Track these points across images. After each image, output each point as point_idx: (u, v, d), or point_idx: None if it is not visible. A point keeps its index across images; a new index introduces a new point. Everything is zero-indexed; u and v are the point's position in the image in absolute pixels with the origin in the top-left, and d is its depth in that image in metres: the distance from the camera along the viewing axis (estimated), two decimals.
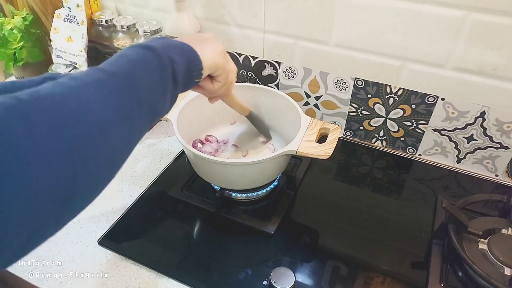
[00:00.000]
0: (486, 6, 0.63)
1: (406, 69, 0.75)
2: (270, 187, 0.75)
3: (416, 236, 0.69)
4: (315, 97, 0.88)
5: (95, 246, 0.67)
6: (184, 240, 0.69)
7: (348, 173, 0.83)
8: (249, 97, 0.80)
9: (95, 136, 0.31)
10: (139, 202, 0.75)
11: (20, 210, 0.26)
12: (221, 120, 0.83)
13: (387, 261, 0.65)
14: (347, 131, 0.91)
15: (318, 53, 0.81)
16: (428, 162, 0.85)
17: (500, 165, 0.79)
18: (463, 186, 0.80)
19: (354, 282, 0.61)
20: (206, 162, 0.64)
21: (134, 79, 0.37)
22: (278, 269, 0.58)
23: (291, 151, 0.63)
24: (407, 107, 0.80)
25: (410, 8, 0.68)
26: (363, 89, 0.82)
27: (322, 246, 0.68)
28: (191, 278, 0.62)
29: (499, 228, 0.63)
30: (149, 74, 0.39)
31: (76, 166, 0.29)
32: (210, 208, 0.72)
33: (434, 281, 0.60)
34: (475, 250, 0.61)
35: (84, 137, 0.30)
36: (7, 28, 0.94)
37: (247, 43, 0.88)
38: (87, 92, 0.32)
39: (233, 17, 0.86)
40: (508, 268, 0.58)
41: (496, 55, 0.67)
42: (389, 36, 0.73)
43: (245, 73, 0.94)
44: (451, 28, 0.67)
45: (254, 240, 0.69)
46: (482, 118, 0.74)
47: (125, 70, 0.36)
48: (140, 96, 0.37)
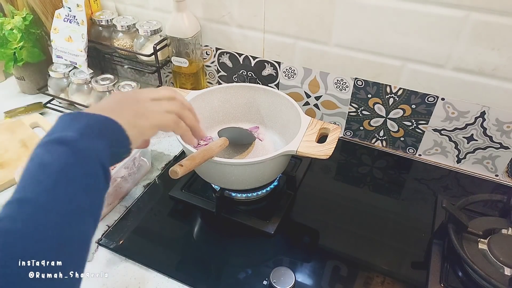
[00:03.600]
0: (486, 6, 0.63)
1: (406, 69, 0.75)
2: (270, 187, 0.75)
3: (416, 236, 0.69)
4: (315, 97, 0.88)
5: (95, 246, 0.67)
6: (184, 240, 0.69)
7: (348, 173, 0.83)
8: (249, 97, 0.80)
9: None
10: (139, 202, 0.75)
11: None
12: (221, 120, 0.83)
13: (387, 261, 0.65)
14: (347, 131, 0.91)
15: (318, 53, 0.81)
16: (428, 162, 0.85)
17: (500, 165, 0.79)
18: (463, 186, 0.80)
19: (354, 282, 0.61)
20: (206, 162, 0.64)
21: (57, 197, 0.34)
22: (278, 269, 0.58)
23: (291, 151, 0.63)
24: (407, 107, 0.80)
25: (410, 8, 0.68)
26: (363, 89, 0.82)
27: (322, 246, 0.68)
28: (191, 278, 0.62)
29: (499, 228, 0.63)
30: (72, 181, 0.36)
31: None
32: (210, 208, 0.72)
33: (434, 281, 0.60)
34: (475, 250, 0.61)
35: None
36: (7, 28, 0.94)
37: (247, 43, 0.88)
38: (16, 243, 0.31)
39: (233, 17, 0.86)
40: (508, 268, 0.58)
41: (496, 55, 0.67)
42: (389, 36, 0.73)
43: (245, 73, 0.94)
44: (451, 28, 0.67)
45: (254, 240, 0.69)
46: (482, 118, 0.74)
47: (46, 192, 0.34)
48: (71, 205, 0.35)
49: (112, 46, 0.97)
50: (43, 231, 0.32)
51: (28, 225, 0.32)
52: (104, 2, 0.99)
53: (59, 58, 0.97)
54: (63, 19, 0.94)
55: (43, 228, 0.33)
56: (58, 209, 0.34)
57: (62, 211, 0.34)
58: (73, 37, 0.94)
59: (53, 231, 0.33)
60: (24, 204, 0.33)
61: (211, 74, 0.99)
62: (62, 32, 0.95)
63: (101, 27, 0.96)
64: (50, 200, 0.34)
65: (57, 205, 0.34)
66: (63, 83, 0.98)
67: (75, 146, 0.36)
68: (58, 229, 0.33)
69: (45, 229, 0.33)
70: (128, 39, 0.95)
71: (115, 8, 1.00)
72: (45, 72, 1.01)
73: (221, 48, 0.92)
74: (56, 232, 0.33)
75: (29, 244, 0.32)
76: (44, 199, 0.34)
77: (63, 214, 0.34)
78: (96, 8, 0.96)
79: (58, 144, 0.36)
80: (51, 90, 1.00)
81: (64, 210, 0.34)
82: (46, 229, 0.33)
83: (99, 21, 0.94)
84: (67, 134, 0.37)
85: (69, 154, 0.36)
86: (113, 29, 0.96)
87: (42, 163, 0.35)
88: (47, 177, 0.35)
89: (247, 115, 0.83)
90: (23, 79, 1.04)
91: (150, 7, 0.95)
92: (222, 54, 0.93)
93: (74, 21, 0.93)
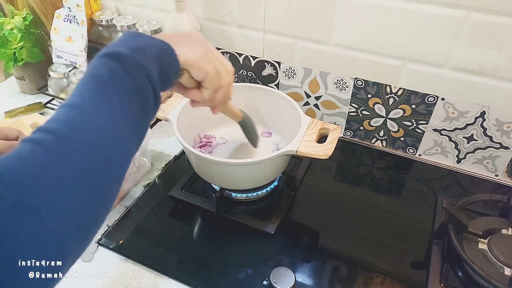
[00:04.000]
0: (486, 6, 0.63)
1: (406, 69, 0.75)
2: (270, 187, 0.75)
3: (416, 236, 0.69)
4: (315, 97, 0.88)
5: (95, 246, 0.67)
6: (184, 240, 0.69)
7: (348, 173, 0.83)
8: (249, 97, 0.80)
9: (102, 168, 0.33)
10: (139, 202, 0.75)
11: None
12: (221, 120, 0.83)
13: (387, 261, 0.65)
14: (347, 131, 0.91)
15: (318, 53, 0.81)
16: (428, 162, 0.85)
17: (500, 165, 0.79)
18: (463, 186, 0.80)
19: (354, 282, 0.61)
20: (206, 162, 0.64)
21: (106, 106, 0.35)
22: (278, 269, 0.58)
23: (291, 151, 0.63)
24: (407, 107, 0.80)
25: (410, 8, 0.68)
26: (363, 89, 0.82)
27: (322, 246, 0.68)
28: (191, 278, 0.62)
29: (499, 228, 0.63)
30: (122, 93, 0.36)
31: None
32: (210, 208, 0.72)
33: (434, 281, 0.60)
34: (475, 250, 0.61)
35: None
36: (7, 28, 0.94)
37: (247, 43, 0.88)
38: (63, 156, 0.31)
39: (233, 17, 0.86)
40: (508, 268, 0.58)
41: (496, 55, 0.67)
42: (389, 36, 0.73)
43: (245, 73, 0.94)
44: (451, 28, 0.67)
45: (254, 240, 0.69)
46: (482, 118, 0.74)
47: (96, 98, 0.35)
48: (120, 120, 0.36)
49: None
50: (86, 139, 0.32)
51: (72, 127, 0.32)
52: (104, 2, 0.99)
53: (59, 58, 0.97)
54: (63, 19, 0.94)
55: (86, 135, 0.33)
56: (102, 116, 0.34)
57: (106, 119, 0.34)
58: (73, 37, 0.94)
59: (95, 142, 0.33)
60: (72, 108, 0.34)
61: None
62: (62, 32, 0.95)
63: (101, 27, 0.96)
64: (94, 106, 0.34)
65: (103, 112, 0.34)
66: (63, 83, 0.98)
67: (125, 60, 0.37)
68: (100, 138, 0.33)
69: (87, 139, 0.33)
70: None
71: (115, 8, 1.00)
72: (45, 72, 1.01)
73: (221, 48, 0.92)
74: (97, 143, 0.33)
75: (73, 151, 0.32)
76: (88, 105, 0.34)
77: (107, 122, 0.34)
78: (96, 8, 0.96)
79: (109, 58, 0.37)
80: (51, 90, 1.00)
81: (108, 118, 0.35)
82: (89, 139, 0.33)
83: (99, 21, 0.94)
84: (120, 50, 0.38)
85: (119, 67, 0.37)
86: (113, 29, 0.96)
87: (93, 74, 0.36)
88: (95, 85, 0.35)
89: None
90: (23, 79, 1.04)
91: (150, 7, 0.95)
92: (222, 54, 0.93)
93: (74, 21, 0.93)
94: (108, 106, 0.35)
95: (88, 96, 0.35)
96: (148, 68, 0.38)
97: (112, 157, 0.34)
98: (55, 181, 0.29)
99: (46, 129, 0.32)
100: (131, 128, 0.37)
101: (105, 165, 0.33)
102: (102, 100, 0.35)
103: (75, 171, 0.31)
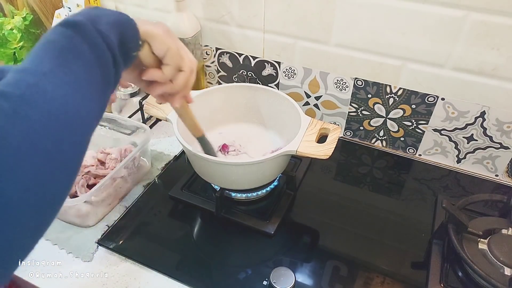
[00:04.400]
0: (486, 6, 0.63)
1: (406, 69, 0.75)
2: (270, 187, 0.75)
3: (416, 236, 0.69)
4: (315, 97, 0.88)
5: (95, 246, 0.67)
6: (184, 240, 0.69)
7: (348, 173, 0.83)
8: (249, 97, 0.80)
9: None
10: (139, 202, 0.75)
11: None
12: (221, 120, 0.83)
13: (387, 261, 0.65)
14: (347, 131, 0.91)
15: (318, 53, 0.81)
16: (428, 162, 0.85)
17: (500, 165, 0.79)
18: (463, 186, 0.80)
19: (354, 282, 0.61)
20: (206, 162, 0.64)
21: (67, 70, 0.33)
22: (278, 269, 0.58)
23: (291, 151, 0.63)
24: (407, 107, 0.80)
25: (410, 8, 0.68)
26: (363, 89, 0.82)
27: (322, 246, 0.68)
28: (191, 278, 0.62)
29: (499, 228, 0.63)
30: (81, 60, 0.35)
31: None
32: (210, 208, 0.72)
33: (434, 281, 0.60)
34: (475, 250, 0.61)
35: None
36: (7, 28, 0.94)
37: (247, 43, 0.88)
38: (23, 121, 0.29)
39: (233, 17, 0.86)
40: (508, 268, 0.58)
41: (496, 55, 0.67)
42: (389, 36, 0.73)
43: (245, 73, 0.94)
44: (451, 28, 0.67)
45: (254, 240, 0.69)
46: (482, 118, 0.74)
47: (53, 64, 0.33)
48: (84, 84, 0.34)
49: None
50: (44, 106, 0.31)
51: (29, 92, 0.30)
52: (104, 2, 0.99)
53: None
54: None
55: (45, 103, 0.31)
56: (60, 82, 0.32)
57: (65, 86, 0.33)
58: None
59: (55, 108, 0.31)
60: (26, 73, 0.32)
61: (211, 74, 0.99)
62: None
63: None
64: (51, 72, 0.32)
65: (61, 78, 0.33)
66: None
67: (82, 28, 0.35)
68: (60, 105, 0.32)
69: (46, 106, 0.31)
70: None
71: (115, 8, 1.00)
72: None
73: (221, 48, 0.92)
74: (56, 110, 0.31)
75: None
76: (46, 70, 0.32)
77: (66, 89, 0.33)
78: None
79: (65, 27, 0.35)
80: None
81: (68, 85, 0.33)
82: (48, 107, 0.31)
83: None
84: (76, 18, 0.36)
85: (76, 35, 0.35)
86: None
87: (47, 41, 0.34)
88: (51, 51, 0.34)
89: (247, 115, 0.83)
90: None
91: (150, 7, 0.95)
92: (222, 54, 0.93)
93: None
94: (66, 72, 0.33)
95: (45, 62, 0.33)
96: (106, 36, 0.37)
97: (73, 125, 0.33)
98: (7, 146, 0.28)
99: (1, 93, 0.30)
100: (91, 97, 0.35)
101: (65, 132, 0.32)
102: (60, 66, 0.33)
103: (31, 137, 0.29)
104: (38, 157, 0.30)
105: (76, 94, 0.33)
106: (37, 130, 0.30)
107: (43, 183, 0.30)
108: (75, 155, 0.34)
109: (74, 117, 0.33)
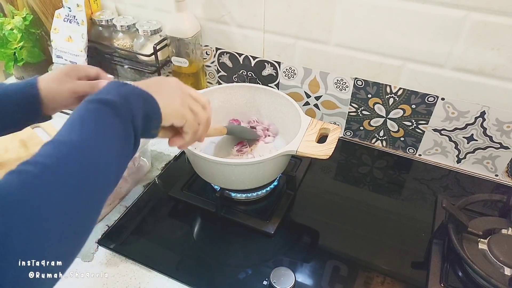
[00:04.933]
0: (486, 6, 0.63)
1: (406, 69, 0.75)
2: (270, 187, 0.75)
3: (416, 236, 0.69)
4: (315, 97, 0.88)
5: (95, 246, 0.67)
6: (184, 240, 0.69)
7: (348, 173, 0.83)
8: (249, 97, 0.80)
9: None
10: (139, 202, 0.75)
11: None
12: (221, 120, 0.83)
13: (387, 261, 0.65)
14: (347, 131, 0.91)
15: (318, 53, 0.81)
16: (428, 162, 0.85)
17: (500, 165, 0.79)
18: (463, 186, 0.80)
19: (354, 282, 0.61)
20: (206, 162, 0.64)
21: (96, 146, 0.37)
22: (278, 269, 0.58)
23: (291, 151, 0.63)
24: (407, 107, 0.80)
25: (410, 8, 0.68)
26: (363, 89, 0.82)
27: (322, 246, 0.68)
28: (191, 278, 0.62)
29: (499, 228, 0.63)
30: (111, 136, 0.39)
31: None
32: (210, 208, 0.72)
33: (434, 281, 0.60)
34: (475, 250, 0.61)
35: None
36: (7, 28, 0.94)
37: (247, 43, 0.88)
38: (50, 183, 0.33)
39: (233, 17, 0.86)
40: (508, 268, 0.58)
41: (496, 55, 0.67)
42: (389, 36, 0.73)
43: (245, 73, 0.94)
44: (451, 28, 0.67)
45: (254, 240, 0.69)
46: (482, 118, 0.74)
47: (88, 139, 0.37)
48: (102, 162, 0.38)
49: (112, 46, 0.97)
50: (73, 172, 0.35)
51: (61, 160, 0.34)
52: (104, 2, 0.99)
53: (59, 58, 0.97)
54: (63, 19, 0.94)
55: (74, 168, 0.35)
56: (90, 153, 0.37)
57: (94, 156, 0.37)
58: (73, 37, 0.94)
59: (83, 174, 0.35)
60: (60, 144, 0.36)
61: (211, 74, 0.99)
62: (62, 32, 0.95)
63: (101, 27, 0.96)
64: (83, 141, 0.37)
65: (90, 146, 0.37)
66: None
67: (114, 106, 0.40)
68: (88, 172, 0.36)
69: (75, 172, 0.35)
70: (128, 39, 0.95)
71: (115, 8, 1.00)
72: (45, 72, 1.01)
73: (221, 48, 0.92)
74: (84, 176, 0.35)
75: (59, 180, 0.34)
76: (77, 140, 0.36)
77: (95, 159, 0.37)
78: (96, 8, 0.96)
79: (97, 103, 0.40)
80: None
81: (97, 155, 0.37)
82: (76, 172, 0.35)
83: (99, 21, 0.94)
84: (108, 97, 0.40)
85: (107, 110, 0.39)
86: (113, 29, 0.96)
87: (79, 115, 0.39)
88: (82, 125, 0.38)
89: (247, 115, 0.83)
90: (23, 79, 1.04)
91: (150, 7, 0.95)
92: (222, 54, 0.93)
93: (74, 21, 0.93)
94: (100, 144, 0.38)
95: (76, 135, 0.37)
96: (135, 116, 0.41)
97: (95, 194, 0.37)
98: (39, 207, 0.31)
99: (34, 162, 0.33)
100: (114, 169, 0.40)
101: (89, 197, 0.36)
102: (91, 139, 0.37)
103: (61, 199, 0.33)
104: (67, 219, 0.34)
105: (102, 167, 0.38)
106: (68, 193, 0.34)
107: (68, 243, 0.36)
108: (94, 215, 0.38)
109: (98, 188, 0.37)
